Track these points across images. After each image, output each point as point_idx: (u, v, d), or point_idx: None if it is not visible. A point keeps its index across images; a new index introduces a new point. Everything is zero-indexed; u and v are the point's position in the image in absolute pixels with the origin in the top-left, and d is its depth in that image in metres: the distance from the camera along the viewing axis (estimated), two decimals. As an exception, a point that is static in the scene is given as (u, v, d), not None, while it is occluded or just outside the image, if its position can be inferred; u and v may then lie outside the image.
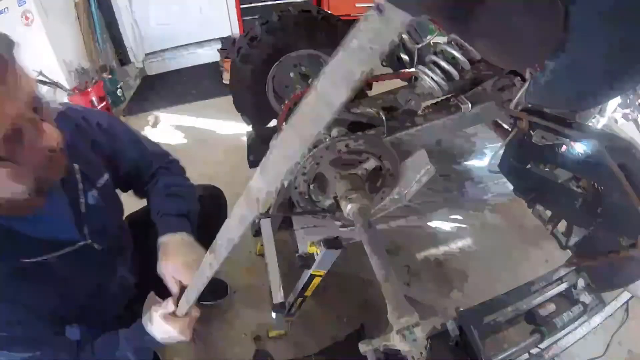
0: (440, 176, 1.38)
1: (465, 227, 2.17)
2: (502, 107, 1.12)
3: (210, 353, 1.60)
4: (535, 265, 1.96)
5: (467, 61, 1.06)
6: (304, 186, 0.93)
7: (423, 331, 0.68)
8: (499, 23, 0.70)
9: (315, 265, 1.15)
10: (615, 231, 0.80)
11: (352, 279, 1.87)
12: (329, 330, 1.67)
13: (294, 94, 1.07)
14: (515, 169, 1.04)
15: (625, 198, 0.77)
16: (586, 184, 1.04)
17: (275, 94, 1.36)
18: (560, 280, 1.58)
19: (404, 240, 2.07)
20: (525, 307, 1.51)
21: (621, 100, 1.37)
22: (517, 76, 1.11)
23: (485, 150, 1.54)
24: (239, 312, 1.74)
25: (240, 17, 3.43)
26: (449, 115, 1.08)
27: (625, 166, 0.77)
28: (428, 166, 1.06)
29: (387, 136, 1.01)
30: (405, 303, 0.68)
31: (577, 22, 0.74)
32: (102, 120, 0.95)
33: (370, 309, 1.74)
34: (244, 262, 1.81)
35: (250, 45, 1.20)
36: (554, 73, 0.83)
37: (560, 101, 0.84)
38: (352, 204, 0.85)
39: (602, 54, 0.74)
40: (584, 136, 0.84)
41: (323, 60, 1.32)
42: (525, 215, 2.20)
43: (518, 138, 1.01)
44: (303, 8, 1.24)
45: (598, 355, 1.57)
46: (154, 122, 2.89)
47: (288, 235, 1.43)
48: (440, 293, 1.82)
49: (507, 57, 0.81)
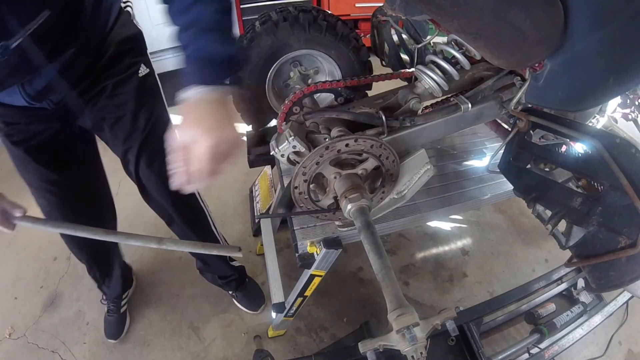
0: (440, 176, 1.38)
1: (465, 227, 2.17)
2: (502, 107, 1.12)
3: (210, 353, 1.60)
4: (535, 265, 1.96)
5: (467, 61, 1.06)
6: (303, 186, 0.93)
7: (423, 331, 0.68)
8: (499, 22, 0.70)
9: (315, 265, 1.15)
10: (615, 231, 0.80)
11: (352, 279, 1.87)
12: (329, 330, 1.67)
13: (293, 94, 1.07)
14: (515, 169, 1.04)
15: (625, 198, 0.77)
16: (586, 184, 1.04)
17: (275, 94, 1.36)
18: (560, 280, 1.59)
19: (404, 240, 2.07)
20: (525, 307, 1.51)
21: (621, 100, 1.37)
22: (517, 76, 1.11)
23: (485, 150, 1.54)
24: (239, 312, 1.74)
25: (240, 17, 3.43)
26: (449, 115, 1.08)
27: (625, 166, 0.77)
28: (428, 166, 1.06)
29: (387, 136, 1.01)
30: (405, 303, 0.68)
31: (577, 22, 0.74)
32: None
33: (370, 309, 1.74)
34: (244, 262, 1.81)
35: (249, 45, 1.20)
36: (553, 73, 0.83)
37: (560, 101, 0.84)
38: (351, 204, 0.85)
39: (602, 53, 0.74)
40: (584, 136, 0.84)
41: (322, 60, 1.32)
42: (525, 215, 2.21)
43: (518, 138, 1.01)
44: (303, 8, 1.24)
45: (598, 355, 1.57)
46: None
47: (288, 235, 1.43)
48: (440, 293, 1.83)
49: (507, 57, 0.81)
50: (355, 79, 1.11)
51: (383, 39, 1.52)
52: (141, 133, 1.13)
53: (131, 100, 1.10)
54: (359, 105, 1.07)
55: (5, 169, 2.52)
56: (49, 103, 0.99)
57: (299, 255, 1.14)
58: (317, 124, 1.04)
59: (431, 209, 1.25)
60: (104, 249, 1.48)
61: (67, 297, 1.81)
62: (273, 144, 1.00)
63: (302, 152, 0.96)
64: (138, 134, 1.13)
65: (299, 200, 0.97)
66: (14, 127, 1.03)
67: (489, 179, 1.36)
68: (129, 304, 1.75)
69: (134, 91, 1.10)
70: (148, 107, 1.14)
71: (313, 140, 0.99)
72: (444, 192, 1.31)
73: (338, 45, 1.25)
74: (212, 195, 2.33)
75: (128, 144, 1.15)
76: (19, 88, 0.89)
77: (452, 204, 1.27)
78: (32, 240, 2.04)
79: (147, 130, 1.14)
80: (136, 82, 1.10)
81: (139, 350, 1.61)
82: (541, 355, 1.35)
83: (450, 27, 0.74)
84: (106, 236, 0.85)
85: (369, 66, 1.35)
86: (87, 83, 1.03)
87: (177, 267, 1.92)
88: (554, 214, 0.94)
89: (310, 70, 1.35)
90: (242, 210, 2.21)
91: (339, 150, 0.87)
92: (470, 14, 0.69)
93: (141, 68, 1.11)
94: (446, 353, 1.24)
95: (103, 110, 1.09)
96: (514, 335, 1.56)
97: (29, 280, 1.89)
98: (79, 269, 1.90)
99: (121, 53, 1.05)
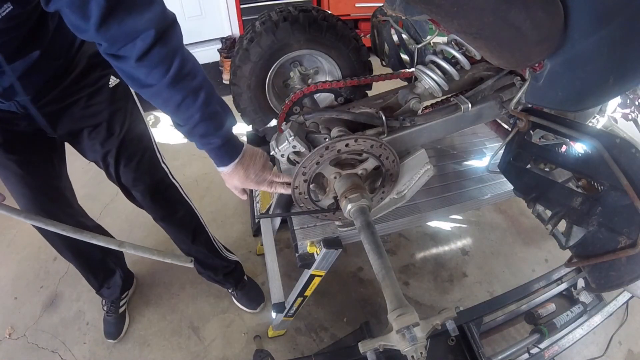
0: (440, 176, 1.38)
1: (465, 227, 2.17)
2: (502, 107, 1.12)
3: (210, 353, 1.60)
4: (535, 265, 1.96)
5: (467, 61, 1.05)
6: (303, 186, 0.93)
7: (423, 331, 0.68)
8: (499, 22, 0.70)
9: (315, 265, 1.15)
10: (615, 231, 0.80)
11: (352, 279, 1.87)
12: (328, 330, 1.67)
13: (294, 93, 1.07)
14: (515, 168, 1.04)
15: (625, 198, 0.76)
16: (586, 184, 1.04)
17: (275, 94, 1.36)
18: (560, 280, 1.59)
19: (404, 240, 2.07)
20: (525, 307, 1.51)
21: (621, 100, 1.37)
22: (517, 76, 1.11)
23: (485, 150, 1.54)
24: (239, 312, 1.74)
25: (240, 17, 3.43)
26: (449, 115, 1.08)
27: (625, 166, 0.77)
28: (428, 166, 1.06)
29: (387, 136, 1.01)
30: (405, 303, 0.68)
31: (577, 22, 0.74)
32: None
33: (370, 309, 1.74)
34: (244, 262, 1.81)
35: (249, 45, 1.20)
36: (553, 73, 0.83)
37: (560, 101, 0.84)
38: (352, 204, 0.85)
39: (602, 53, 0.74)
40: (584, 136, 0.84)
41: (322, 60, 1.32)
42: (525, 215, 2.21)
43: (518, 138, 1.01)
44: (303, 8, 1.24)
45: (598, 355, 1.57)
46: (154, 122, 2.90)
47: (288, 235, 1.43)
48: (440, 293, 1.83)
49: (507, 57, 0.81)
50: (355, 79, 1.11)
51: (383, 39, 1.52)
52: (117, 137, 1.19)
53: (105, 109, 1.16)
54: (359, 105, 1.07)
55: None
56: (17, 106, 1.01)
57: (299, 255, 1.14)
58: (317, 124, 1.04)
59: (431, 209, 1.25)
60: (98, 258, 1.52)
61: (67, 297, 1.81)
62: (273, 144, 1.00)
63: (302, 152, 0.96)
64: (114, 137, 1.19)
65: (299, 200, 0.97)
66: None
67: (489, 179, 1.36)
68: (129, 304, 1.75)
69: (106, 101, 1.16)
70: (121, 113, 1.20)
71: (313, 140, 0.99)
72: (444, 192, 1.31)
73: (338, 45, 1.25)
74: (213, 195, 2.33)
75: (106, 147, 1.20)
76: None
77: (452, 204, 1.27)
78: (32, 240, 2.04)
79: (122, 134, 1.20)
80: (107, 93, 1.16)
81: (139, 350, 1.61)
82: (541, 355, 1.35)
83: (450, 27, 0.74)
84: (73, 233, 0.89)
85: (369, 66, 1.35)
86: (59, 92, 1.07)
87: (177, 267, 1.92)
88: (554, 214, 0.94)
89: (310, 70, 1.35)
90: (242, 210, 2.21)
91: (339, 150, 0.87)
92: (470, 14, 0.69)
93: (111, 79, 1.17)
94: (446, 353, 1.24)
95: (80, 121, 1.15)
96: (514, 335, 1.56)
97: (29, 280, 1.88)
98: (79, 269, 1.91)
99: (92, 66, 1.11)
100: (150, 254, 0.93)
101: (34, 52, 0.93)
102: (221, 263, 1.63)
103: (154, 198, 1.33)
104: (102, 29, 0.69)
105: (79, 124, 1.16)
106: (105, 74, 1.15)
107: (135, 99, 1.27)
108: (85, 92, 1.12)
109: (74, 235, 0.89)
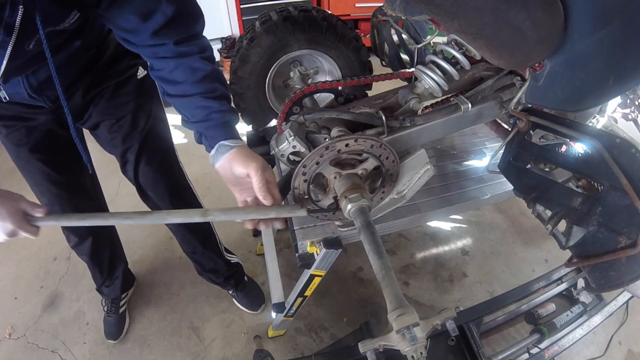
0: (440, 176, 1.38)
1: (465, 227, 2.17)
2: (502, 107, 1.12)
3: (210, 353, 1.60)
4: (535, 265, 1.96)
5: (467, 61, 1.05)
6: (303, 186, 0.92)
7: (423, 331, 0.68)
8: (499, 22, 0.70)
9: (315, 265, 1.15)
10: (615, 231, 0.80)
11: (352, 279, 1.87)
12: (328, 330, 1.67)
13: (294, 93, 1.07)
14: (515, 168, 1.04)
15: (625, 198, 0.76)
16: (586, 184, 1.04)
17: (275, 94, 1.36)
18: (560, 280, 1.59)
19: (404, 240, 2.07)
20: (525, 307, 1.51)
21: (621, 100, 1.36)
22: (517, 76, 1.11)
23: (485, 150, 1.54)
24: (239, 312, 1.74)
25: (240, 17, 3.43)
26: (449, 115, 1.08)
27: (625, 166, 0.77)
28: (428, 166, 1.06)
29: (387, 136, 1.01)
30: (405, 303, 0.68)
31: (577, 22, 0.74)
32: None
33: (370, 309, 1.74)
34: (244, 262, 1.81)
35: (249, 45, 1.20)
36: (553, 73, 0.83)
37: (560, 101, 0.84)
38: (352, 204, 0.85)
39: (602, 53, 0.74)
40: (584, 136, 0.84)
41: (322, 60, 1.32)
42: (525, 215, 2.21)
43: (518, 138, 1.01)
44: (303, 8, 1.24)
45: (598, 355, 1.57)
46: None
47: (288, 235, 1.43)
48: (440, 293, 1.83)
49: (507, 57, 0.81)
50: (355, 79, 1.11)
51: (383, 39, 1.53)
52: (140, 132, 1.16)
53: (131, 101, 1.13)
54: (359, 105, 1.07)
55: (5, 169, 2.52)
56: (46, 101, 1.00)
57: (299, 255, 1.14)
58: (317, 124, 1.04)
59: (431, 209, 1.25)
60: (108, 250, 1.51)
61: (67, 297, 1.81)
62: (273, 144, 1.00)
63: (302, 152, 0.96)
64: (137, 133, 1.16)
65: (299, 200, 0.97)
66: (15, 129, 1.05)
67: (489, 179, 1.36)
68: (129, 304, 1.75)
69: (133, 92, 1.13)
70: (147, 107, 1.17)
71: (313, 140, 0.99)
72: (444, 192, 1.31)
73: (338, 45, 1.25)
74: (213, 195, 2.33)
75: (128, 143, 1.17)
76: (23, 80, 0.90)
77: (452, 204, 1.27)
78: (32, 240, 2.02)
79: (146, 130, 1.17)
80: (135, 84, 1.13)
81: (139, 350, 1.61)
82: (541, 355, 1.35)
83: (450, 27, 0.74)
84: (141, 218, 0.78)
85: (369, 66, 1.35)
86: (87, 82, 1.05)
87: (177, 267, 1.92)
88: (554, 214, 0.94)
89: (310, 70, 1.35)
90: (242, 210, 2.21)
91: (339, 150, 0.87)
92: (470, 13, 0.69)
93: (139, 70, 1.14)
94: (446, 353, 1.24)
95: (104, 112, 1.11)
96: (514, 335, 1.56)
97: (29, 280, 1.89)
98: (79, 269, 1.91)
99: (120, 54, 1.08)
100: (246, 214, 0.80)
101: (75, 42, 0.91)
102: (223, 266, 1.63)
103: (172, 200, 1.30)
104: (158, 35, 0.75)
105: (102, 116, 1.12)
106: (133, 63, 1.12)
107: (160, 96, 1.23)
108: (113, 82, 1.09)
109: (143, 220, 0.80)
